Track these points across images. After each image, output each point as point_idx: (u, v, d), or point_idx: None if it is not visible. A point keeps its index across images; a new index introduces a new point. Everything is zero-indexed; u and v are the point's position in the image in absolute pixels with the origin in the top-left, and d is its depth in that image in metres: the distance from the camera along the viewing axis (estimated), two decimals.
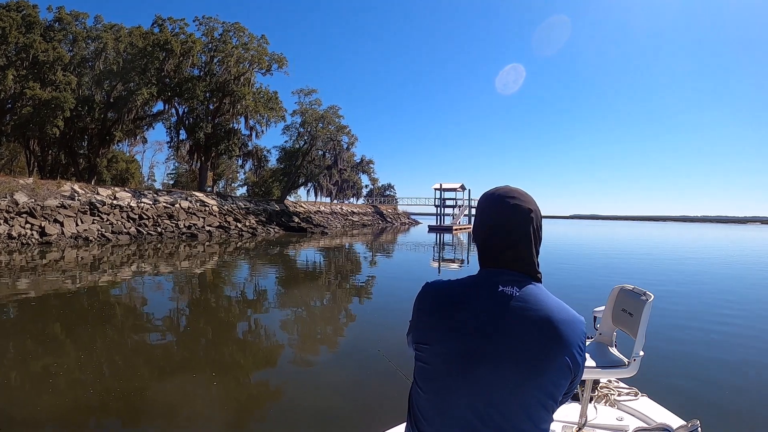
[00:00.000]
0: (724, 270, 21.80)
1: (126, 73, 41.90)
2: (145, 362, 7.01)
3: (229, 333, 9.19)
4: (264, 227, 42.25)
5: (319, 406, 5.55)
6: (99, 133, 44.11)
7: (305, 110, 58.09)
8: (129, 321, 9.80)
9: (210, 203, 40.23)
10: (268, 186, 68.48)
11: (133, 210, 32.40)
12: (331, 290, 14.41)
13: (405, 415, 1.66)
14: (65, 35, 41.66)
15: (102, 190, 32.61)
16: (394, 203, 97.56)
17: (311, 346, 8.39)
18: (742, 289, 15.78)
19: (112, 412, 5.22)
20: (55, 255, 20.15)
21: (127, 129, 45.64)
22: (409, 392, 1.64)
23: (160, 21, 45.59)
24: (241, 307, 11.77)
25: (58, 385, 5.85)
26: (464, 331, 1.51)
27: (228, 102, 47.69)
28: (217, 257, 22.85)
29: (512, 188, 1.68)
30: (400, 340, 6.87)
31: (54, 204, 27.20)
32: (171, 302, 12.13)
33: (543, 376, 1.48)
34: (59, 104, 35.97)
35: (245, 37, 48.59)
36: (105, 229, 28.41)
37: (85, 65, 42.38)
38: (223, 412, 5.31)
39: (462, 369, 1.49)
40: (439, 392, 1.52)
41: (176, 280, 15.22)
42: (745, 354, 7.95)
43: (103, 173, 52.78)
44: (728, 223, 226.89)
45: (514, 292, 1.53)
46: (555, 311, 1.53)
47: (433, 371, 1.54)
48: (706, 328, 9.68)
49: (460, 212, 76.44)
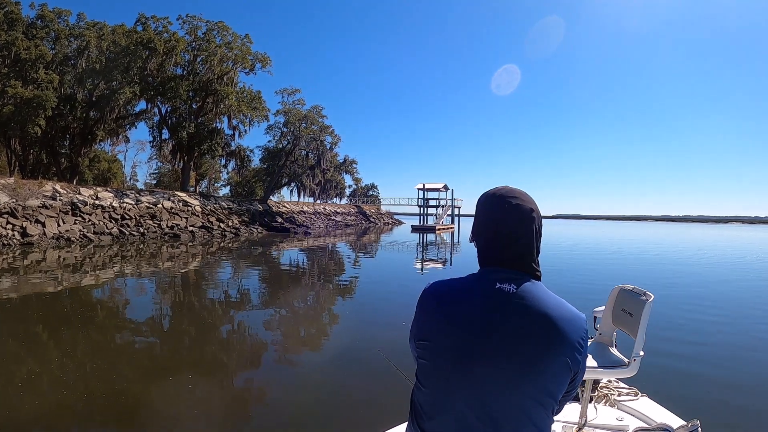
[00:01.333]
0: (723, 270, 22.14)
1: (109, 72, 41.60)
2: (129, 364, 7.00)
3: (212, 334, 9.18)
4: (247, 227, 42.24)
5: (318, 406, 5.60)
6: (81, 133, 43.81)
7: (288, 110, 58.25)
8: (111, 322, 9.78)
9: (193, 203, 40.14)
10: (251, 186, 68.38)
11: (116, 210, 32.25)
12: (315, 290, 14.55)
13: (405, 414, 1.71)
14: (48, 33, 41.31)
15: (84, 190, 32.43)
16: (378, 203, 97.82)
17: (306, 347, 8.47)
18: (741, 288, 15.98)
19: (96, 414, 5.22)
20: (37, 256, 20.11)
21: (109, 128, 45.35)
22: (411, 391, 1.67)
23: (143, 19, 45.31)
24: (223, 308, 11.77)
25: (41, 387, 5.87)
26: (462, 329, 1.53)
27: (211, 101, 47.63)
28: (200, 258, 22.85)
29: (513, 188, 1.71)
30: (393, 339, 7.04)
31: (35, 204, 27.04)
32: (156, 304, 12.12)
33: (541, 373, 1.50)
34: (41, 103, 35.61)
35: (229, 36, 48.60)
36: (87, 229, 28.26)
37: (68, 63, 41.99)
38: (220, 413, 5.36)
39: (461, 366, 1.51)
40: (439, 389, 1.55)
41: (159, 282, 15.19)
42: (745, 354, 8.01)
43: (85, 173, 52.34)
44: (710, 222, 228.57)
45: (511, 289, 1.55)
46: (554, 308, 1.55)
47: (433, 368, 1.57)
48: (705, 328, 9.78)
49: (443, 212, 76.69)
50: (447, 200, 78.81)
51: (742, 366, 7.33)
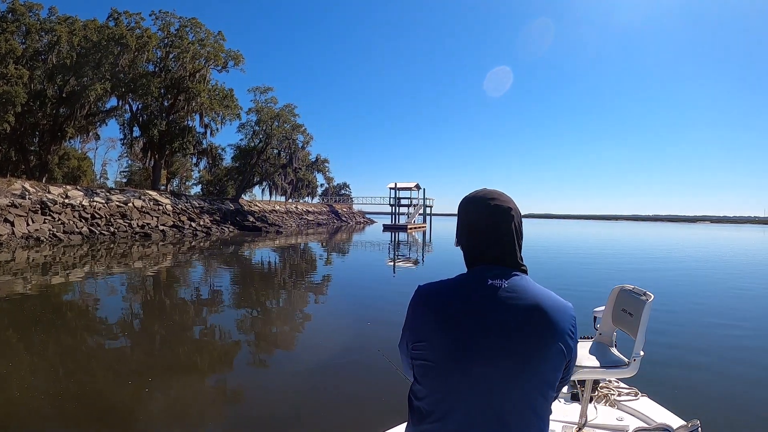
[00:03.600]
0: (720, 270, 22.41)
1: (79, 68, 41.23)
2: (101, 366, 6.94)
3: (184, 334, 9.14)
4: (218, 226, 42.27)
5: (317, 407, 5.60)
6: (51, 129, 43.32)
7: (261, 108, 58.30)
8: (82, 324, 9.75)
9: (164, 202, 40.02)
10: (222, 185, 68.07)
11: (86, 209, 32.07)
12: (287, 289, 14.64)
13: (404, 415, 1.75)
14: (18, 27, 40.57)
15: (53, 188, 32.20)
16: (350, 202, 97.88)
17: (278, 347, 8.55)
18: (741, 288, 16.15)
19: (68, 417, 5.14)
20: (6, 256, 20.01)
21: (79, 125, 44.98)
22: (408, 392, 1.71)
23: (115, 14, 44.93)
24: (190, 308, 11.71)
25: (10, 390, 5.81)
26: (457, 326, 1.57)
27: (183, 99, 47.47)
28: (171, 257, 22.92)
29: (491, 190, 1.79)
30: (364, 339, 7.22)
31: (4, 203, 26.82)
32: (126, 304, 12.03)
33: (539, 363, 1.55)
34: (10, 99, 35.21)
35: (202, 33, 48.58)
36: (57, 228, 28.10)
37: (38, 58, 41.45)
38: (210, 415, 5.40)
39: (460, 364, 1.54)
40: (439, 388, 1.58)
41: (130, 282, 15.18)
42: (745, 354, 8.07)
43: (55, 171, 51.59)
44: (679, 222, 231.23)
45: (502, 284, 1.60)
46: (543, 299, 1.61)
47: (431, 368, 1.59)
48: (705, 328, 9.87)
49: (415, 211, 77.00)
50: (419, 199, 79.06)
51: (743, 366, 7.38)
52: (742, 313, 11.71)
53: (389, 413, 4.38)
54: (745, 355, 8.04)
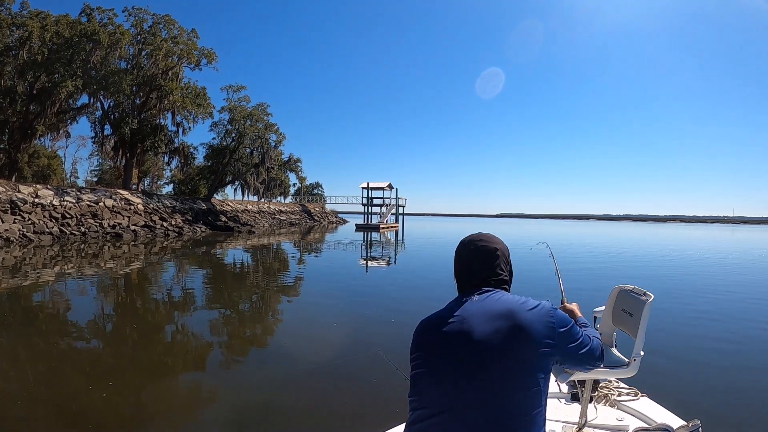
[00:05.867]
0: (722, 270, 22.70)
1: (51, 64, 40.55)
2: (72, 368, 6.90)
3: (156, 335, 9.14)
4: (190, 226, 42.15)
5: (316, 407, 5.64)
6: (21, 127, 42.54)
7: (234, 107, 58.01)
8: (53, 326, 9.70)
9: (135, 202, 39.79)
10: (194, 184, 67.59)
11: (56, 209, 31.80)
12: (260, 290, 14.55)
13: (404, 415, 1.95)
14: None
15: (23, 187, 31.87)
16: (322, 202, 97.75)
17: (251, 345, 8.65)
18: (740, 287, 16.42)
19: (40, 421, 5.10)
20: None
21: (50, 123, 44.36)
22: (408, 398, 1.91)
23: (88, 10, 44.15)
24: (166, 308, 11.72)
25: None
26: (442, 340, 1.83)
27: (155, 97, 47.12)
28: (143, 258, 22.89)
29: (482, 234, 2.13)
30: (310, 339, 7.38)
31: None
32: (98, 305, 11.94)
33: (522, 362, 1.73)
34: None
35: (175, 30, 48.11)
36: (27, 228, 27.86)
37: (8, 54, 40.55)
38: (209, 414, 5.48)
39: (446, 372, 1.78)
40: (431, 393, 1.79)
41: (101, 283, 15.03)
42: (745, 353, 8.15)
43: (24, 169, 50.91)
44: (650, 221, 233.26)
45: (476, 298, 1.89)
46: (516, 302, 1.84)
47: (423, 375, 1.84)
48: (705, 329, 9.92)
49: (387, 211, 77.22)
50: (391, 199, 79.33)
51: (743, 366, 7.43)
52: (742, 314, 11.83)
53: (389, 414, 4.39)
54: (745, 354, 8.15)
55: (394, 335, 8.86)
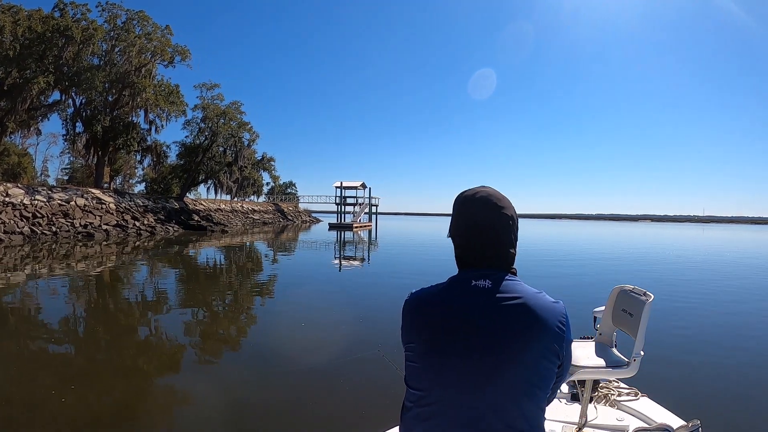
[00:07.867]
0: (722, 269, 23.07)
1: (22, 60, 39.92)
2: (45, 370, 6.81)
3: (128, 337, 8.96)
4: (163, 226, 41.88)
5: (316, 407, 5.63)
6: None
7: (207, 105, 57.90)
8: (23, 328, 9.52)
9: (107, 201, 39.45)
10: (167, 183, 67.08)
11: (27, 208, 31.47)
12: (234, 289, 14.44)
13: (395, 418, 1.79)
14: None
15: None
16: (296, 201, 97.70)
17: (227, 345, 8.61)
18: (740, 287, 16.50)
19: (13, 424, 5.01)
20: None
21: (20, 119, 43.37)
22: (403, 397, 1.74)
23: (61, 5, 43.50)
24: (139, 309, 11.60)
25: None
26: (441, 329, 1.58)
27: (128, 94, 46.53)
28: (115, 257, 22.78)
29: (491, 190, 1.74)
30: None
31: None
32: (69, 307, 11.75)
33: (526, 364, 1.54)
34: None
35: (149, 26, 47.74)
36: None
37: None
38: (204, 415, 5.41)
39: (444, 366, 1.57)
40: (426, 388, 1.60)
41: (72, 284, 14.83)
42: (745, 353, 8.15)
43: None
44: (621, 221, 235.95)
45: (487, 284, 1.60)
46: (530, 297, 1.59)
47: (419, 369, 1.62)
48: (705, 329, 10.02)
49: (361, 210, 77.26)
50: (365, 198, 79.50)
51: (743, 365, 7.45)
52: (742, 314, 11.93)
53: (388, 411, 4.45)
54: (745, 354, 8.18)
55: (364, 332, 9.05)
